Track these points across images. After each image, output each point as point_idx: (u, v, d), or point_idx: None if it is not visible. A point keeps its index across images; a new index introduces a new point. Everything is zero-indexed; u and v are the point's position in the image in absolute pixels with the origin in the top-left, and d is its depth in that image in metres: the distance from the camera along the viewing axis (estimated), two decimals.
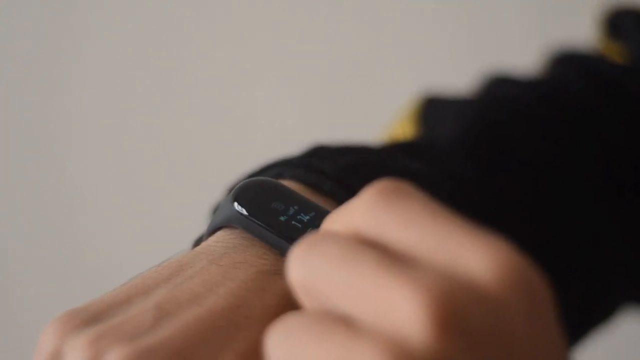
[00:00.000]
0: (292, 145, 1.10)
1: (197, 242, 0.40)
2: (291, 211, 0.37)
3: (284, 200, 0.37)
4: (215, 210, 0.41)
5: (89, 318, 0.34)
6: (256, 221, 0.37)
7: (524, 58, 0.82)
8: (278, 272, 0.36)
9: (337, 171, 0.40)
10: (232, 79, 1.14)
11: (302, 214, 0.37)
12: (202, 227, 1.06)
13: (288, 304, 0.35)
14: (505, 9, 1.07)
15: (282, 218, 0.37)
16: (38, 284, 1.18)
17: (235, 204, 0.37)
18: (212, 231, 0.39)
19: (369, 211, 0.30)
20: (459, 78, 0.88)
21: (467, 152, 0.50)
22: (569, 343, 0.53)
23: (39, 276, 1.18)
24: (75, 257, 1.18)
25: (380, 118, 1.01)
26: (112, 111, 1.15)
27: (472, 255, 0.28)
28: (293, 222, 0.37)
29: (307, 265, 0.29)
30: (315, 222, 0.37)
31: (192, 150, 1.15)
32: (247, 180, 0.38)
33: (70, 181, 1.17)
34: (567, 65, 0.60)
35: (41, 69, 1.15)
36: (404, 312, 0.27)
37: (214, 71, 1.14)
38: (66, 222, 1.18)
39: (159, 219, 1.17)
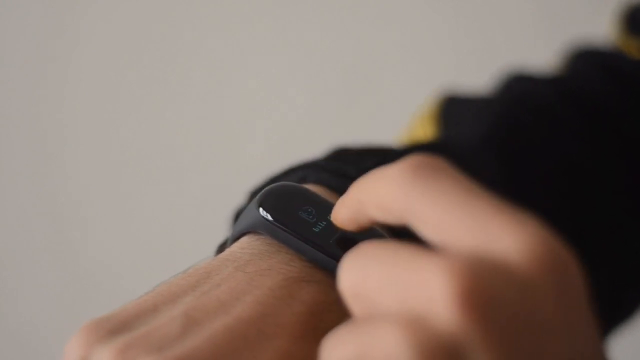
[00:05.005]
0: (301, 146, 1.10)
1: (221, 248, 0.40)
2: (317, 216, 0.37)
3: (309, 205, 0.37)
4: (238, 215, 0.41)
5: (116, 327, 0.33)
6: (282, 227, 0.36)
7: (541, 55, 0.81)
8: (305, 279, 0.35)
9: (362, 174, 0.39)
10: (240, 79, 1.13)
11: (328, 219, 0.37)
12: (201, 231, 1.06)
13: (316, 311, 0.34)
14: (522, 6, 1.06)
15: (308, 223, 0.36)
16: (37, 287, 1.18)
17: (261, 209, 0.37)
18: (236, 237, 0.38)
19: (400, 188, 0.30)
20: (475, 76, 0.88)
21: (492, 152, 0.49)
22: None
23: (38, 280, 1.18)
24: (74, 261, 1.18)
25: (391, 117, 1.01)
26: (115, 114, 1.15)
27: (503, 234, 0.28)
28: (319, 227, 0.36)
29: (353, 272, 0.29)
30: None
31: (200, 153, 1.15)
32: (272, 185, 0.38)
33: (70, 184, 1.17)
34: (586, 62, 0.59)
35: (41, 71, 1.14)
36: (430, 291, 0.27)
37: (222, 72, 1.13)
38: (64, 226, 1.17)
39: (159, 223, 1.17)
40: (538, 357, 0.27)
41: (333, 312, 0.35)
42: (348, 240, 0.36)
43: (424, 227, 0.29)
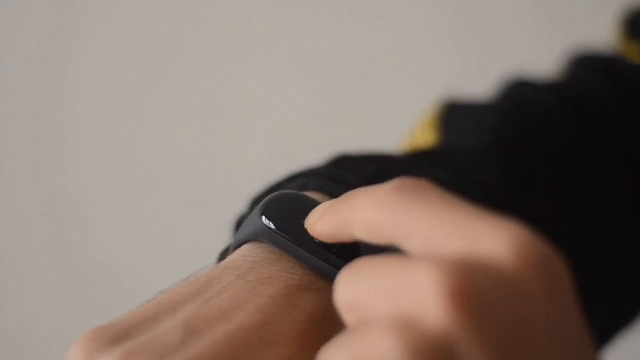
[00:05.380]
0: (301, 146, 1.09)
1: (223, 255, 0.40)
2: None
3: None
4: (240, 223, 0.41)
5: (117, 336, 0.33)
6: (284, 235, 0.36)
7: (541, 55, 0.81)
8: (307, 287, 0.35)
9: (363, 182, 0.40)
10: (240, 80, 1.13)
11: None
12: (200, 230, 1.05)
13: (317, 319, 0.35)
14: (522, 6, 1.06)
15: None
16: (37, 287, 1.18)
17: (263, 218, 0.37)
18: (238, 245, 0.38)
19: (387, 209, 0.30)
20: (474, 76, 0.88)
21: (494, 160, 0.50)
22: (599, 344, 0.53)
23: (38, 280, 1.18)
24: (74, 262, 1.18)
25: (391, 117, 1.01)
26: (115, 114, 1.15)
27: (488, 237, 0.28)
28: None
29: (346, 286, 0.30)
30: None
31: (200, 153, 1.15)
32: (274, 194, 0.38)
33: (70, 184, 1.17)
34: (587, 67, 0.59)
35: (41, 71, 1.14)
36: (420, 293, 0.28)
37: (222, 72, 1.13)
38: (64, 226, 1.17)
39: (158, 222, 1.17)
40: (529, 353, 0.28)
41: (334, 321, 0.35)
42: (349, 249, 0.36)
43: (411, 244, 0.30)
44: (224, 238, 0.48)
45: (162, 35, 1.13)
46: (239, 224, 0.41)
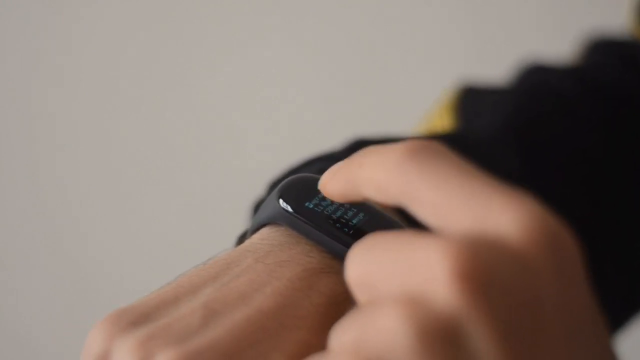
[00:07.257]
0: (301, 147, 1.09)
1: (241, 239, 0.40)
2: (336, 208, 0.37)
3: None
4: (257, 206, 0.41)
5: (137, 319, 0.33)
6: (302, 218, 0.36)
7: (558, 46, 0.81)
8: (324, 270, 0.35)
9: None
10: (243, 76, 1.13)
11: (346, 211, 0.37)
12: (201, 231, 1.04)
13: (335, 302, 0.35)
14: None
15: (327, 215, 0.37)
16: (37, 288, 1.18)
17: (281, 201, 0.37)
18: (256, 228, 0.38)
19: (398, 170, 0.30)
20: (487, 66, 0.88)
21: (509, 145, 0.50)
22: (611, 330, 0.53)
23: (37, 281, 1.18)
24: (73, 262, 1.18)
25: (399, 111, 1.01)
26: (115, 114, 1.15)
27: (499, 212, 0.28)
28: (338, 219, 0.37)
29: (357, 262, 0.30)
30: (359, 218, 0.37)
31: (201, 153, 1.14)
32: (291, 177, 0.38)
33: (70, 185, 1.17)
34: (603, 52, 0.59)
35: (39, 71, 1.14)
36: (428, 271, 0.27)
37: (226, 69, 1.13)
38: (64, 227, 1.17)
39: (158, 223, 1.17)
40: (538, 333, 0.27)
41: (351, 303, 0.35)
42: (366, 232, 0.36)
43: (421, 209, 0.30)
44: (223, 238, 0.48)
45: (162, 34, 1.12)
46: (257, 207, 0.41)
